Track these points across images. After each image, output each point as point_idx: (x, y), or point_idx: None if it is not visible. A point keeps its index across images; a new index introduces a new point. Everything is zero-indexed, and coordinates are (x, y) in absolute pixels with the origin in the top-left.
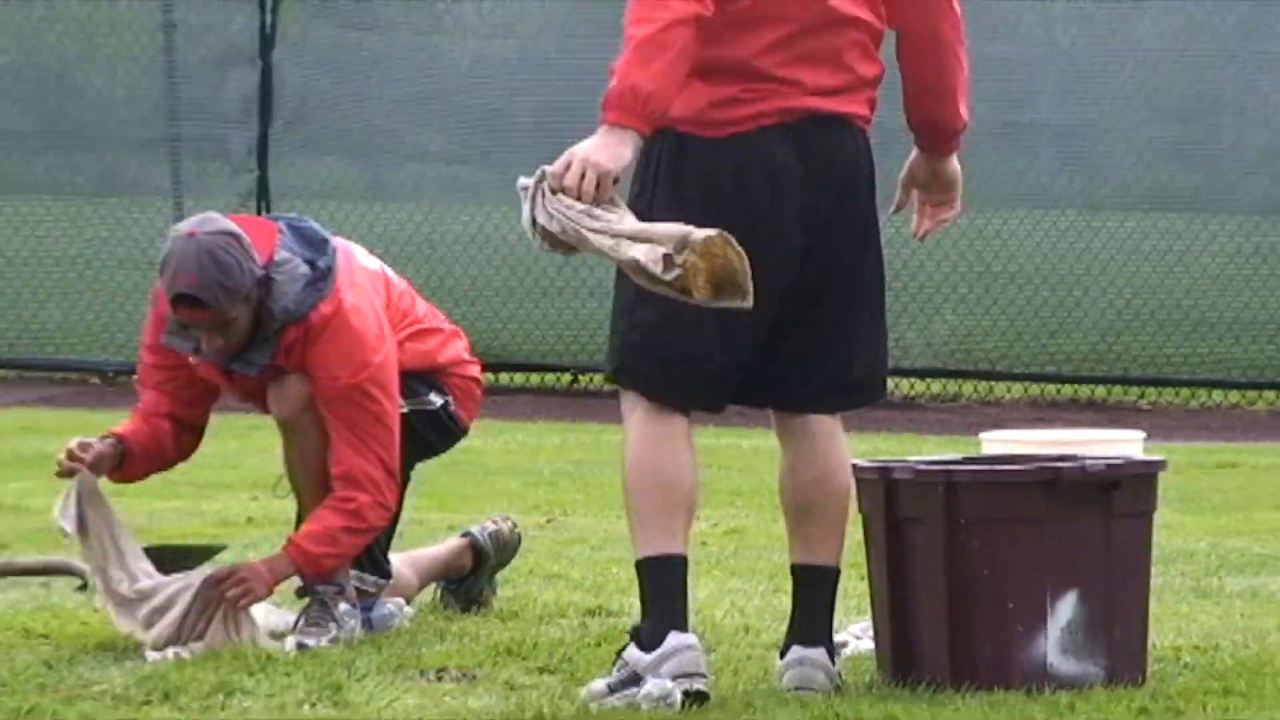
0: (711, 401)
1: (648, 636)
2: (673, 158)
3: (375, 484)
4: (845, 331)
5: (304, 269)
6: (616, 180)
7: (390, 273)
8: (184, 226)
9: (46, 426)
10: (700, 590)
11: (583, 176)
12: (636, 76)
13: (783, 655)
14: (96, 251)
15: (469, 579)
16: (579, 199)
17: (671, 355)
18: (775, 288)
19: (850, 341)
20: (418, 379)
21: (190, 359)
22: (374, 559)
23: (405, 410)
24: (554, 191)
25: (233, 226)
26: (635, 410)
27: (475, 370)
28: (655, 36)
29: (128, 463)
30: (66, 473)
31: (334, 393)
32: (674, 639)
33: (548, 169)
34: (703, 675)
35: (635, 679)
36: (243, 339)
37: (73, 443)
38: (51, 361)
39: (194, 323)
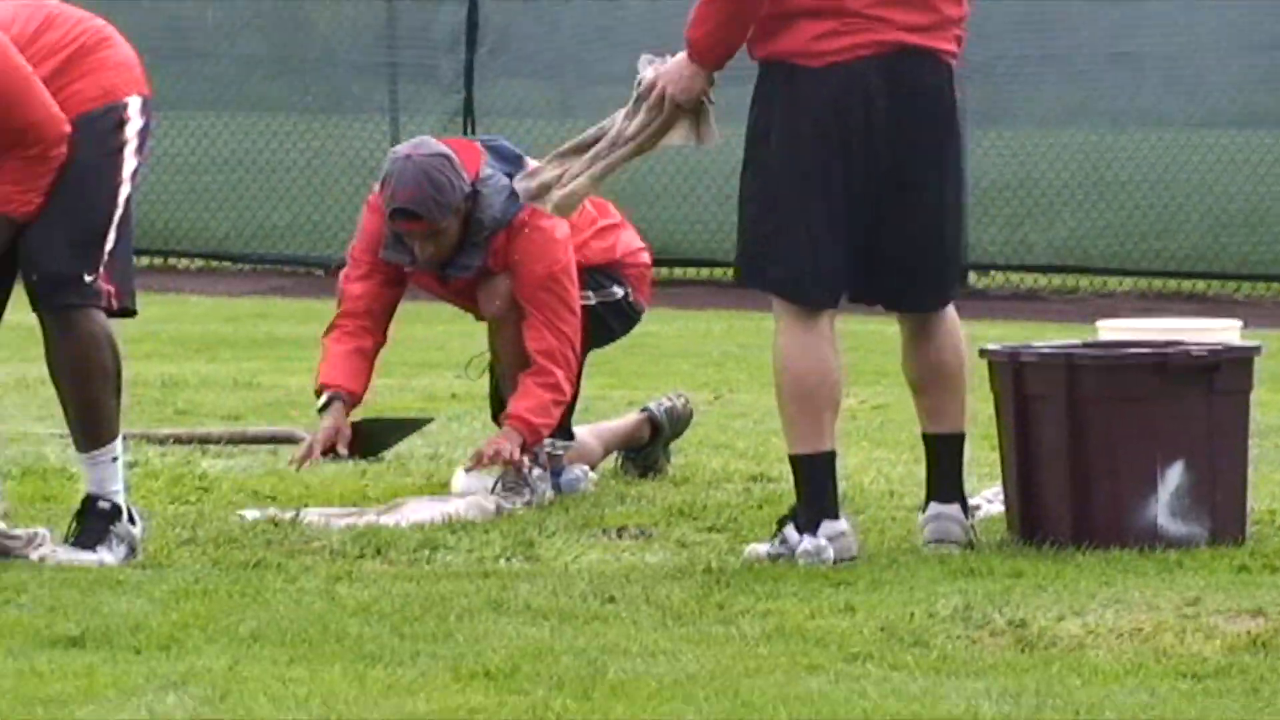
0: (824, 298)
1: (803, 522)
2: (784, 85)
3: (568, 361)
4: (928, 242)
5: (505, 182)
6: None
7: None
8: (402, 149)
9: (277, 313)
10: (849, 459)
11: (662, 96)
12: (696, 31)
13: (923, 512)
14: (323, 161)
15: (646, 448)
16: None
17: (785, 259)
18: (867, 199)
19: (933, 250)
20: (601, 273)
21: (405, 269)
22: (561, 426)
23: (593, 302)
24: (640, 100)
25: (444, 148)
26: (782, 317)
27: (646, 257)
28: None
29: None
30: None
31: (534, 283)
32: (827, 526)
33: (645, 76)
34: (853, 556)
35: (790, 553)
36: (452, 247)
37: (313, 449)
38: (281, 256)
39: (410, 233)
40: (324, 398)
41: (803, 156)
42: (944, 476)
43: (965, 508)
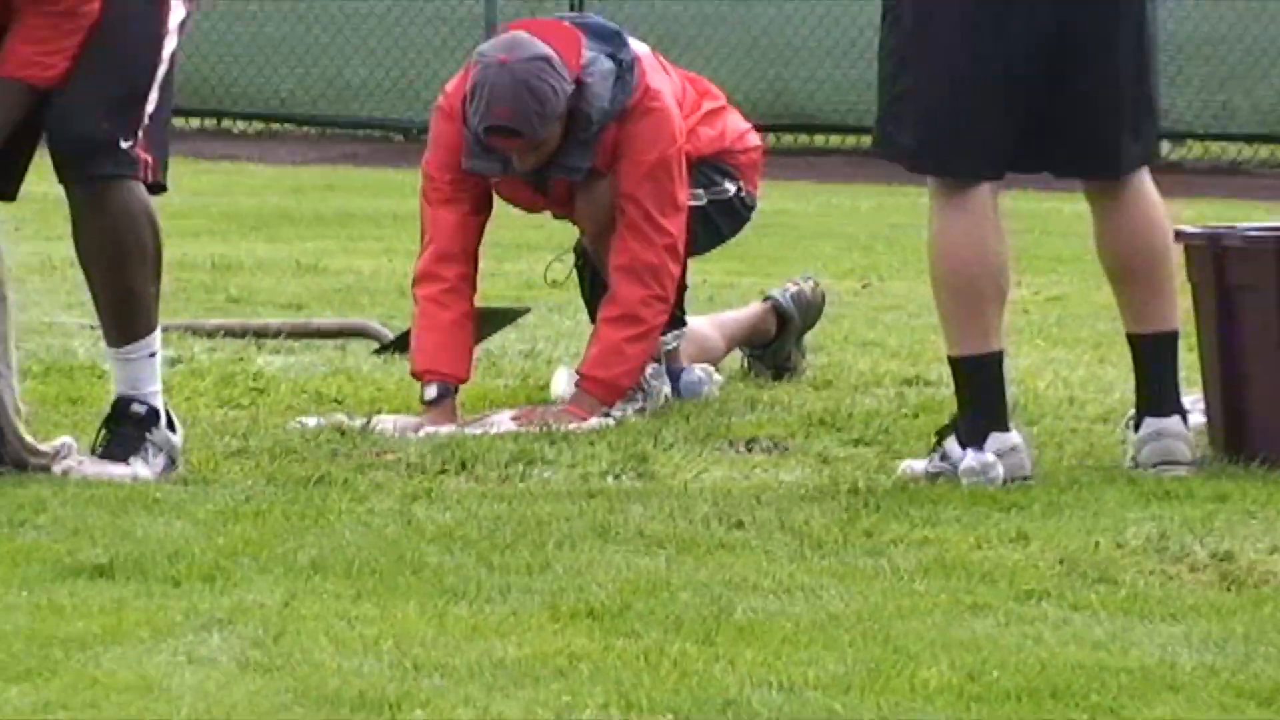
0: (972, 169)
1: (966, 433)
2: None
3: (655, 274)
4: (1104, 101)
5: (610, 65)
6: None
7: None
8: (494, 52)
9: (349, 184)
10: (1021, 360)
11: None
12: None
13: (1136, 429)
14: (404, 10)
15: (774, 343)
16: None
17: (920, 124)
18: (1028, 52)
19: (1110, 111)
20: (712, 166)
21: (493, 179)
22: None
23: (703, 202)
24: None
25: (542, 48)
26: (936, 195)
27: (756, 139)
28: None
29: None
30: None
31: (641, 173)
32: (995, 439)
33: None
34: (1026, 476)
35: (953, 470)
36: (553, 151)
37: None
38: (354, 118)
39: (508, 149)
40: (433, 389)
41: (947, 2)
42: (1159, 384)
43: (1186, 419)
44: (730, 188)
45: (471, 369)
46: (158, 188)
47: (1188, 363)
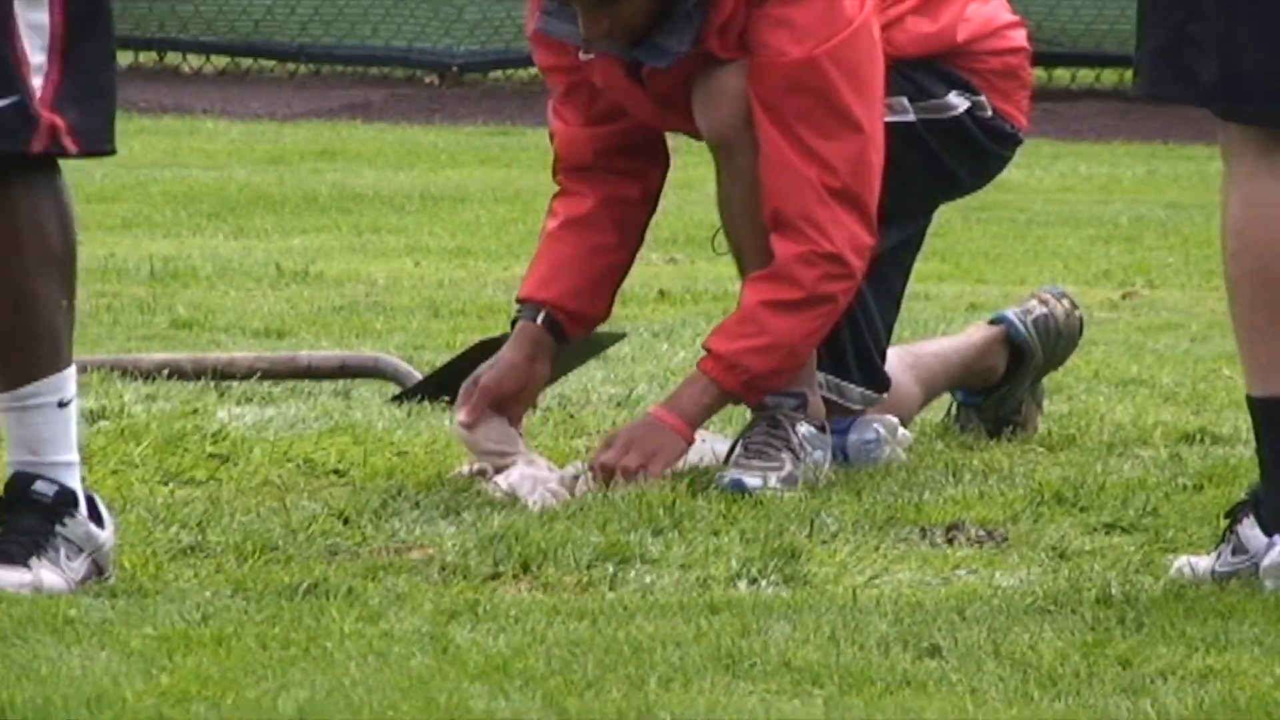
0: None
1: (1270, 512)
2: None
3: (818, 226)
4: None
5: None
6: None
7: None
8: None
9: (352, 148)
10: None
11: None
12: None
13: None
14: None
15: (1002, 387)
16: None
17: (1256, 46)
18: None
19: None
20: (928, 71)
21: (580, 55)
22: (862, 357)
23: (910, 118)
24: None
25: None
26: (1243, 155)
27: (1019, 37)
28: None
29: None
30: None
31: (778, 76)
32: None
33: None
34: None
35: (1252, 568)
36: (638, 19)
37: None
38: (365, 51)
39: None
40: (516, 309)
41: None
42: None
43: None
44: (960, 102)
45: (608, 310)
46: (96, 152)
47: None
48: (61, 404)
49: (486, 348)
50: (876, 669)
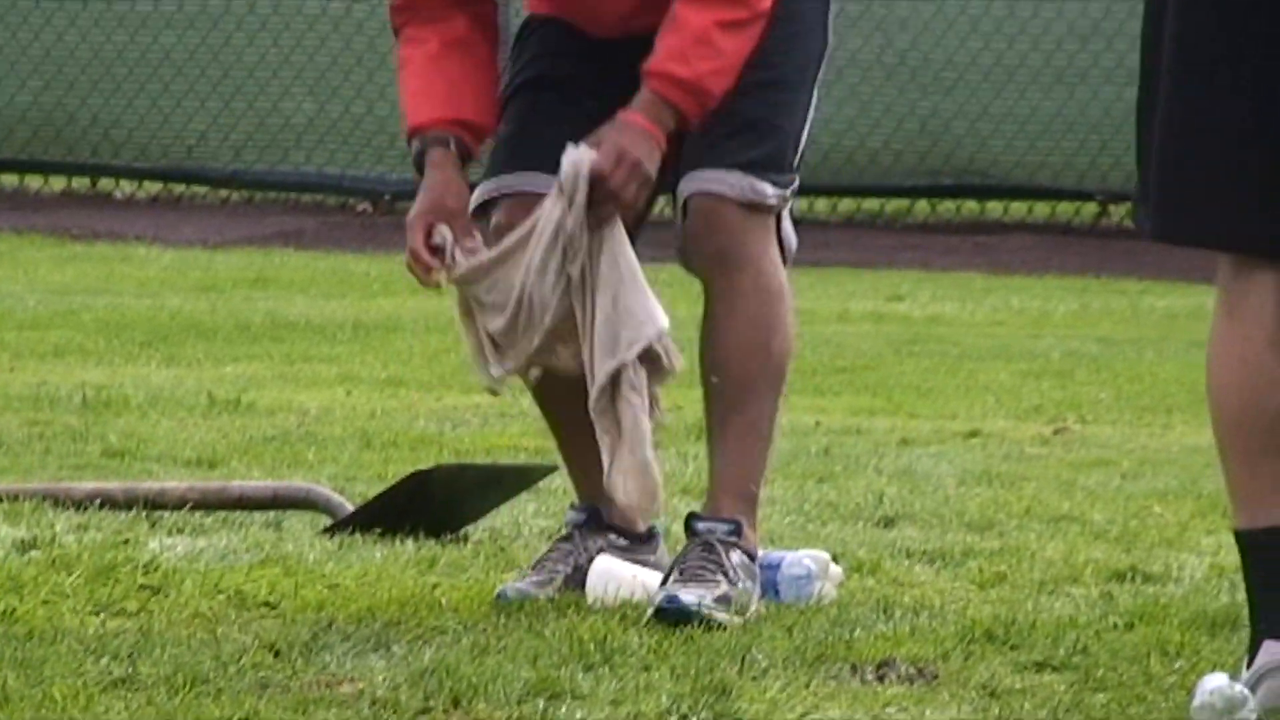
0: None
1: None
2: None
3: None
4: None
5: None
6: None
7: None
8: None
9: (288, 277)
10: None
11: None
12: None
13: None
14: (370, 12)
15: None
16: None
17: (1195, 175)
18: None
19: None
20: None
21: None
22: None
23: None
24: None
25: None
26: (1219, 289)
27: None
28: None
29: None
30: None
31: None
32: (1271, 651)
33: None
34: None
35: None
36: None
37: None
38: (298, 177)
39: None
40: (416, 144)
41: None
42: None
43: None
44: None
45: (496, 119)
46: None
47: None
48: None
49: (419, 480)
50: None
